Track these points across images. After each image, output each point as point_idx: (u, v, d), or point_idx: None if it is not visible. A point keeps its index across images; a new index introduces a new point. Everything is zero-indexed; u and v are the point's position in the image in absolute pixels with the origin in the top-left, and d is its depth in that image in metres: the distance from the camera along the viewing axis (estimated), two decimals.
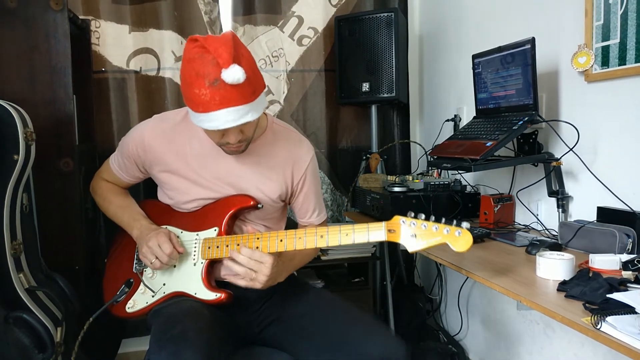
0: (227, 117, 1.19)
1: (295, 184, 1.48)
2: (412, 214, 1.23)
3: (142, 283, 1.43)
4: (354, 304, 1.44)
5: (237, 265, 1.28)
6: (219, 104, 1.17)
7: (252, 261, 1.27)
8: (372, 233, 1.25)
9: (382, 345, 1.27)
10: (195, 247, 1.42)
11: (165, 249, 1.35)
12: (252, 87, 1.21)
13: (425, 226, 1.21)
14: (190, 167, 1.42)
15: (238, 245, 1.34)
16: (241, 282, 1.29)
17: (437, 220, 1.21)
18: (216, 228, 1.41)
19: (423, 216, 1.22)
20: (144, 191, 1.96)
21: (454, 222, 1.20)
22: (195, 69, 1.17)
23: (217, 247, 1.38)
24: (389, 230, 1.24)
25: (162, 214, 1.50)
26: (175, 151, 1.43)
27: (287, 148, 1.47)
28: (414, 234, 1.21)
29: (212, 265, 1.42)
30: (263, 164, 1.44)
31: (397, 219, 1.24)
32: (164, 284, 1.42)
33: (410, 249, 1.22)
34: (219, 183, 1.43)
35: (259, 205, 1.41)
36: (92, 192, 1.61)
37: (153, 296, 1.41)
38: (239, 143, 1.31)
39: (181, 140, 1.43)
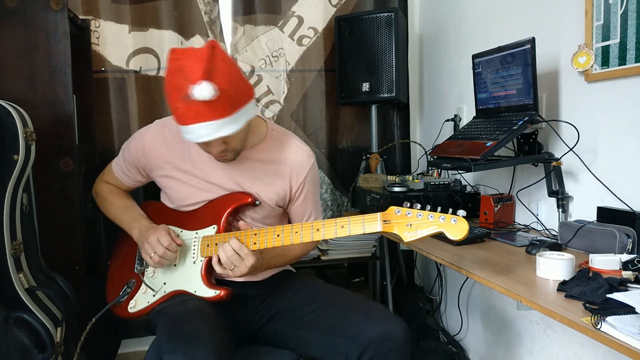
0: (200, 132, 1.20)
1: (294, 191, 1.49)
2: (408, 204, 1.23)
3: (143, 283, 1.44)
4: None
5: (222, 252, 1.29)
6: (192, 118, 1.19)
7: (236, 255, 1.29)
8: (368, 224, 1.25)
9: (381, 325, 1.29)
10: (194, 246, 1.42)
11: (163, 241, 1.36)
12: (230, 101, 1.20)
13: (420, 215, 1.20)
14: (190, 172, 1.43)
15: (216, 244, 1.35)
16: (217, 268, 1.31)
17: (433, 210, 1.21)
18: (215, 226, 1.41)
19: (419, 206, 1.21)
20: (144, 193, 1.97)
21: (450, 210, 1.19)
22: (172, 82, 1.19)
23: (217, 244, 1.39)
24: (384, 221, 1.23)
25: (161, 214, 1.51)
26: (176, 156, 1.44)
27: (286, 155, 1.47)
28: (410, 223, 1.21)
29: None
30: (262, 170, 1.45)
31: (392, 209, 1.23)
32: (165, 283, 1.42)
33: (406, 239, 1.21)
34: (218, 188, 1.43)
35: (257, 202, 1.42)
36: (94, 194, 1.62)
37: (154, 295, 1.42)
38: (223, 153, 1.31)
39: (181, 145, 1.44)
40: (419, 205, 1.22)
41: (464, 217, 1.18)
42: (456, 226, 1.18)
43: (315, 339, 1.36)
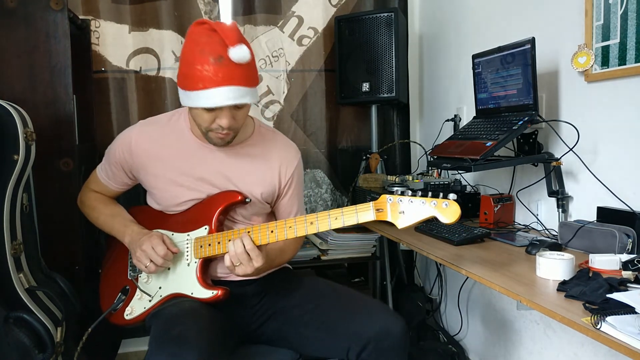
0: (227, 95, 1.22)
1: (282, 186, 1.49)
2: (399, 191, 1.23)
3: (138, 289, 1.43)
4: None
5: (232, 248, 1.28)
6: (221, 80, 1.21)
7: (245, 254, 1.28)
8: (361, 214, 1.25)
9: (380, 322, 1.29)
10: (187, 248, 1.42)
11: (159, 250, 1.35)
12: (253, 74, 1.27)
13: (411, 201, 1.21)
14: (178, 169, 1.42)
15: (230, 240, 1.34)
16: (227, 261, 1.30)
17: (424, 195, 1.21)
18: (206, 226, 1.41)
19: (410, 192, 1.22)
20: (143, 195, 1.97)
21: (441, 194, 1.20)
22: (200, 47, 1.21)
23: (209, 245, 1.38)
24: (377, 210, 1.24)
25: (151, 219, 1.50)
26: (162, 154, 1.43)
27: (275, 150, 1.48)
28: (402, 210, 1.22)
29: (207, 264, 1.42)
30: (251, 165, 1.45)
31: (384, 197, 1.24)
32: (160, 288, 1.42)
33: (400, 226, 1.22)
34: (207, 185, 1.43)
35: (247, 200, 1.41)
36: (79, 204, 1.60)
37: (150, 300, 1.41)
38: (229, 131, 1.32)
39: (167, 142, 1.44)
40: (409, 192, 1.22)
41: (454, 200, 1.18)
42: (448, 209, 1.18)
43: (316, 337, 1.36)
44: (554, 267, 1.19)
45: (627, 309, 0.93)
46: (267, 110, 2.44)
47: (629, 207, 1.40)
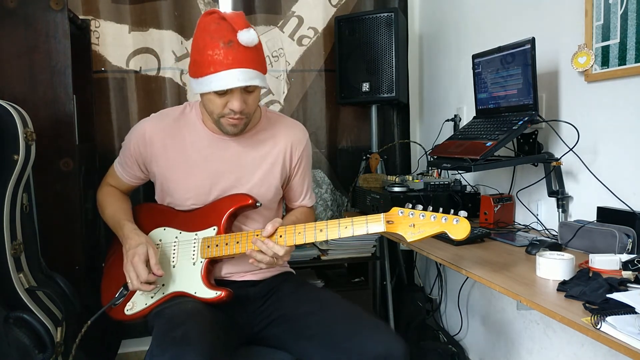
0: (238, 76, 1.26)
1: (294, 164, 1.52)
2: (410, 205, 1.25)
3: None
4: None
5: (264, 246, 1.32)
6: (231, 63, 1.25)
7: (272, 259, 1.32)
8: (371, 225, 1.27)
9: (382, 343, 1.28)
10: (194, 247, 1.42)
11: (142, 276, 1.33)
12: (262, 59, 1.31)
13: (423, 216, 1.23)
14: (190, 161, 1.44)
15: (238, 242, 1.35)
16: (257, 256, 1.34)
17: (435, 211, 1.23)
18: (215, 227, 1.41)
19: (421, 207, 1.24)
20: (144, 193, 1.97)
21: (452, 211, 1.21)
22: (210, 33, 1.27)
23: (217, 245, 1.39)
24: (388, 222, 1.25)
25: (160, 216, 1.50)
26: (175, 146, 1.44)
27: (283, 131, 1.51)
28: (412, 224, 1.23)
29: (212, 264, 1.43)
30: (262, 151, 1.47)
31: (395, 210, 1.26)
32: (163, 285, 1.41)
33: (409, 239, 1.24)
34: (219, 176, 1.44)
35: (257, 204, 1.42)
36: (97, 197, 1.62)
37: (152, 297, 1.41)
38: (241, 116, 1.34)
39: (181, 134, 1.45)
40: (420, 207, 1.24)
41: (465, 217, 1.21)
42: (458, 226, 1.21)
43: (317, 350, 1.33)
44: (554, 267, 1.19)
45: (627, 309, 0.93)
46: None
47: (629, 207, 1.41)
